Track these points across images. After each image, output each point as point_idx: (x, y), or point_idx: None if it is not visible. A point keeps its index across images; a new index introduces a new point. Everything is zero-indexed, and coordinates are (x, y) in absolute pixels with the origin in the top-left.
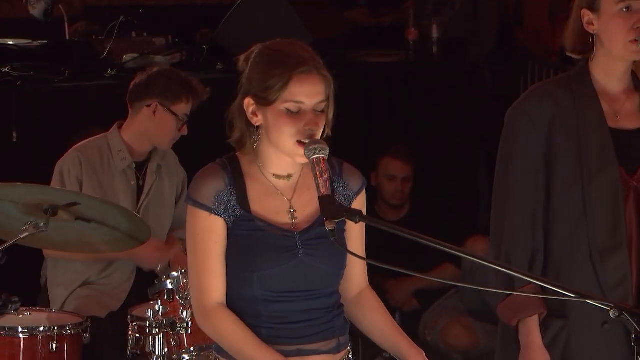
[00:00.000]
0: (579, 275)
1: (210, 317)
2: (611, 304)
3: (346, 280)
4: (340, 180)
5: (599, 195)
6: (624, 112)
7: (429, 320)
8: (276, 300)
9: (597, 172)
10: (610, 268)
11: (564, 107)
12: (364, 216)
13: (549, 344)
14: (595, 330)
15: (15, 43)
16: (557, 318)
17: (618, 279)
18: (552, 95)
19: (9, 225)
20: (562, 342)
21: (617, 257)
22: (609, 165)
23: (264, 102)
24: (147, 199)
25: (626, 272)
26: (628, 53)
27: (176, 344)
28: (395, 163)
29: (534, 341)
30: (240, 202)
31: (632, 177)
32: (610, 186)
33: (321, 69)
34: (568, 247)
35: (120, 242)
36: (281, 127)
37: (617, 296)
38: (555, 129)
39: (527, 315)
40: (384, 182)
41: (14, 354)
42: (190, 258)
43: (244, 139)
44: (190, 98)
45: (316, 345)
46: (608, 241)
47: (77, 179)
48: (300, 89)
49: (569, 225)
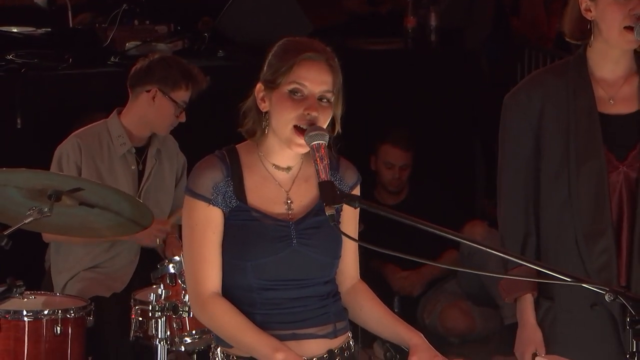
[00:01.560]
0: (565, 259)
1: (207, 307)
2: (607, 288)
3: (339, 274)
4: (336, 174)
5: (584, 182)
6: (620, 97)
7: (427, 304)
8: (270, 288)
9: (583, 160)
10: (595, 252)
11: (556, 95)
12: (363, 201)
13: (540, 322)
14: (580, 311)
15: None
16: (545, 298)
17: (602, 263)
18: (545, 84)
19: (13, 210)
20: (549, 321)
21: (601, 242)
22: (595, 152)
23: (271, 86)
24: (147, 183)
25: (611, 256)
26: (623, 42)
27: (178, 327)
28: (394, 151)
29: (527, 319)
30: (237, 193)
31: (622, 163)
32: (595, 173)
33: (331, 60)
34: (555, 232)
35: (123, 227)
36: (282, 110)
37: (601, 280)
38: (545, 117)
39: (520, 295)
40: (382, 168)
41: (18, 337)
42: (186, 248)
43: (255, 126)
44: (189, 85)
45: (311, 330)
46: (593, 226)
47: (76, 164)
48: (304, 73)
49: (555, 210)
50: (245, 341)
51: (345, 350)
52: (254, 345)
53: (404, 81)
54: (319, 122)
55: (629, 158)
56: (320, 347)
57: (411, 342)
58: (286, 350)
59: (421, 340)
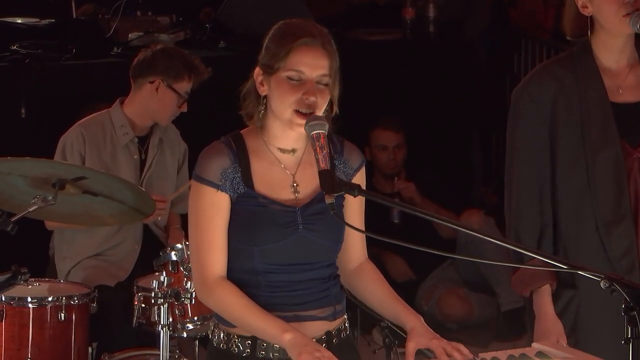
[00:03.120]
0: (586, 247)
1: (213, 291)
2: (601, 275)
3: (346, 253)
4: (340, 157)
5: (602, 170)
6: (626, 86)
7: (426, 291)
8: (275, 272)
9: (600, 148)
10: (615, 239)
11: (566, 85)
12: (362, 190)
13: (560, 313)
14: (603, 298)
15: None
16: (567, 288)
17: (624, 249)
18: (555, 75)
19: (18, 198)
20: (573, 311)
21: (621, 228)
22: (611, 140)
23: (269, 71)
24: (149, 172)
25: (631, 242)
26: (624, 26)
27: (180, 314)
28: (386, 133)
29: (546, 311)
30: (244, 179)
31: (636, 149)
32: (613, 160)
33: (327, 44)
34: (574, 221)
35: (125, 215)
36: (281, 94)
37: (624, 266)
38: (557, 107)
39: (536, 287)
40: (376, 152)
41: (23, 323)
42: (192, 233)
43: (252, 109)
44: (192, 77)
45: (313, 312)
46: (612, 213)
47: (80, 154)
48: (302, 59)
49: (574, 199)
50: (253, 323)
51: (342, 332)
52: (262, 327)
53: (402, 72)
54: (317, 106)
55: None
56: (320, 328)
57: (409, 325)
58: (294, 330)
59: (419, 323)
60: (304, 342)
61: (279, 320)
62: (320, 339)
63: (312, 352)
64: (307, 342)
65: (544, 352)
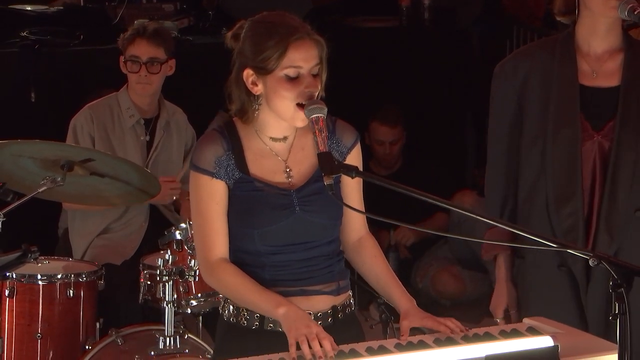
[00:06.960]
0: (536, 222)
1: (215, 271)
2: (590, 253)
3: (346, 228)
4: (333, 136)
5: (558, 148)
6: (603, 71)
7: (420, 268)
8: (278, 252)
9: (559, 127)
10: (562, 215)
11: (542, 66)
12: (359, 172)
13: (513, 279)
14: (547, 270)
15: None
16: (517, 257)
17: (568, 226)
18: (532, 56)
19: (28, 179)
20: (520, 278)
21: (569, 205)
22: (571, 120)
23: (263, 72)
24: (155, 153)
25: (577, 220)
26: (607, 9)
27: (184, 291)
28: (382, 129)
29: (501, 276)
30: (238, 165)
31: (598, 133)
32: (569, 140)
33: (312, 34)
34: (530, 195)
35: (132, 195)
36: (282, 92)
37: (567, 241)
38: (529, 85)
39: (495, 252)
40: (374, 145)
41: (33, 299)
42: (194, 218)
43: (245, 108)
44: (134, 38)
45: (318, 287)
46: (562, 190)
47: (90, 134)
48: (298, 55)
49: (532, 175)
50: (250, 299)
51: (346, 307)
52: (258, 302)
53: (398, 57)
54: (316, 95)
55: (605, 129)
56: (326, 303)
57: (402, 308)
58: (288, 304)
59: (411, 305)
60: (295, 316)
61: (274, 295)
62: (327, 313)
63: (300, 329)
64: (299, 317)
65: (534, 327)
